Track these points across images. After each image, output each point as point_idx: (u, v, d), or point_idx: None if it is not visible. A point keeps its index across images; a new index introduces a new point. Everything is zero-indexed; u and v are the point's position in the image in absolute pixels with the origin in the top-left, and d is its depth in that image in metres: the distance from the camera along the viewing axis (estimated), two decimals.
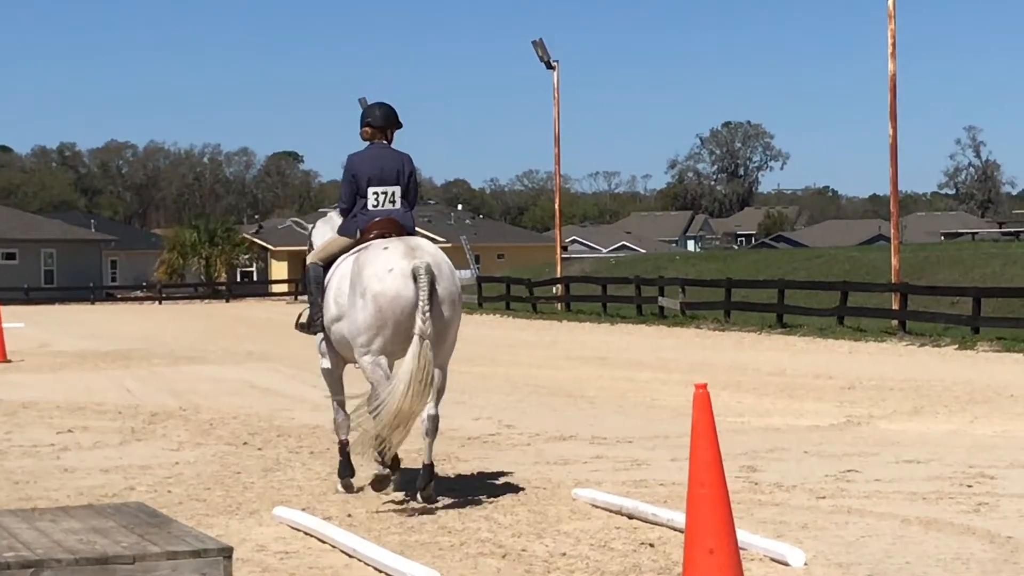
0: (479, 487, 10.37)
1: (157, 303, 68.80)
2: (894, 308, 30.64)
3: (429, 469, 9.72)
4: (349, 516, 9.37)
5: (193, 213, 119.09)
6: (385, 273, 9.57)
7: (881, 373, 20.85)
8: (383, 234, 9.98)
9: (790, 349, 27.10)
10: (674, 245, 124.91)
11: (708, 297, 37.42)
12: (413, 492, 9.81)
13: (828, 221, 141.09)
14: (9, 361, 25.22)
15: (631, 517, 8.99)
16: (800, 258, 51.39)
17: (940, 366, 22.33)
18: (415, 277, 9.43)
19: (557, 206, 50.60)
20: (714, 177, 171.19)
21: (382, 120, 10.34)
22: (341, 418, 10.50)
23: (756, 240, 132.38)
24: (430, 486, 9.70)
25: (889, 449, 12.37)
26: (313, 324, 10.35)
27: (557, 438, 13.52)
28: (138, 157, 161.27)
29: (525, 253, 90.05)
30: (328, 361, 10.49)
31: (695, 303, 37.28)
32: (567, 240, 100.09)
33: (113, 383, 20.74)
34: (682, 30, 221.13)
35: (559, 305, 44.64)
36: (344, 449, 10.42)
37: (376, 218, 10.10)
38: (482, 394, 18.03)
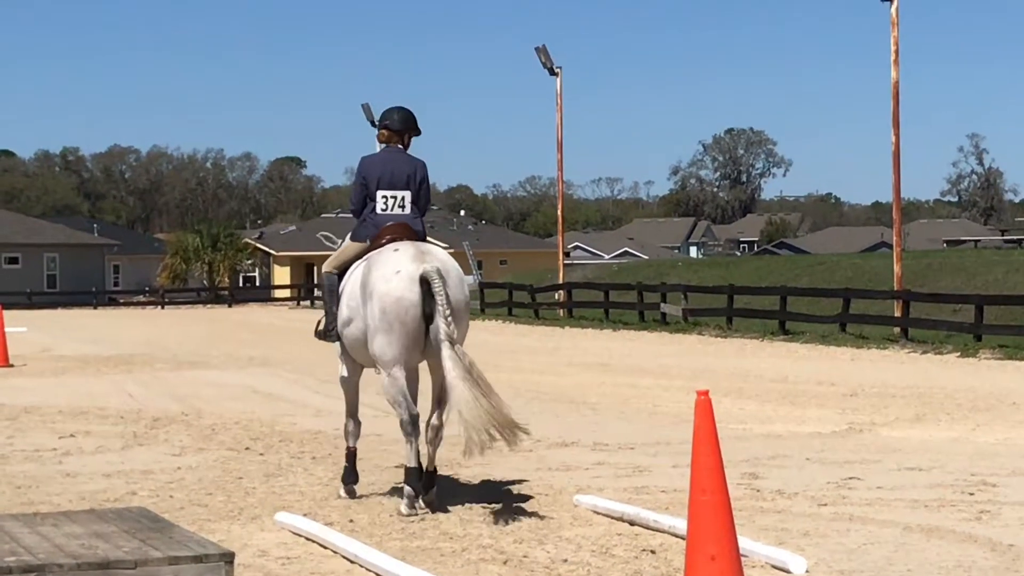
0: (481, 493, 10.37)
1: (160, 308, 68.90)
2: (896, 315, 30.63)
3: (431, 475, 9.78)
4: (351, 522, 9.38)
5: (196, 218, 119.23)
6: (392, 275, 9.55)
7: (883, 380, 20.84)
8: (396, 239, 9.90)
9: (792, 356, 27.08)
10: (676, 251, 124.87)
11: (710, 304, 37.39)
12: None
13: (830, 228, 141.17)
14: (11, 365, 25.25)
15: (633, 523, 8.99)
16: (802, 265, 51.31)
17: (942, 373, 22.31)
18: (429, 282, 9.39)
19: (560, 212, 50.61)
20: (717, 183, 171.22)
21: (399, 124, 10.25)
22: (352, 426, 10.48)
23: (759, 247, 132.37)
24: (432, 492, 9.73)
25: (891, 456, 12.36)
26: (329, 333, 10.29)
27: (559, 444, 13.52)
28: (141, 162, 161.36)
29: (527, 259, 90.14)
30: (345, 369, 10.45)
31: (697, 309, 37.27)
32: (569, 246, 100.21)
33: (115, 388, 20.75)
34: (685, 36, 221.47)
35: (561, 311, 44.60)
36: (351, 456, 10.42)
37: (388, 223, 10.01)
38: None
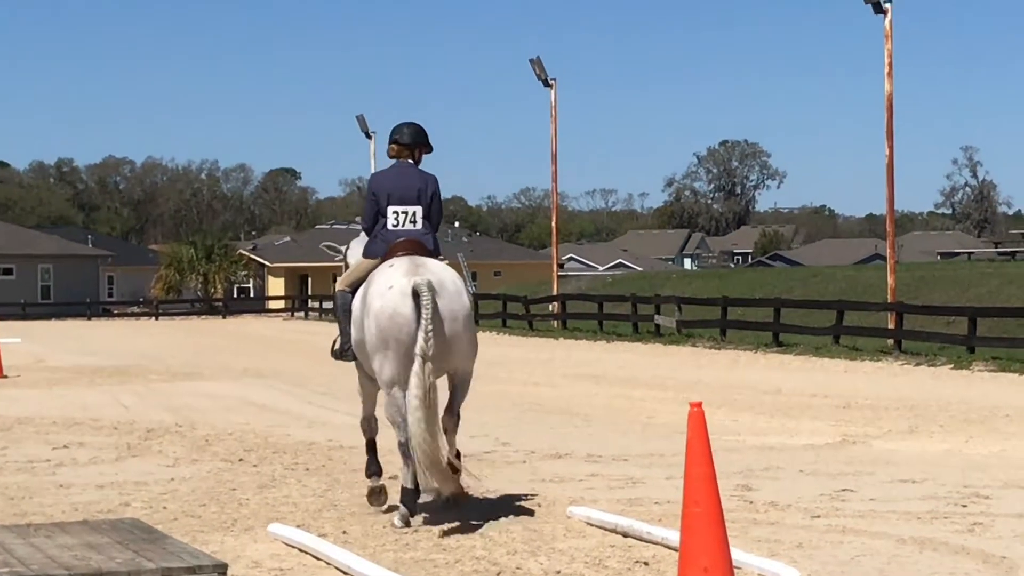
0: (474, 505, 10.36)
1: (154, 319, 68.78)
2: (890, 327, 30.67)
3: (456, 458, 9.72)
4: (344, 533, 9.37)
5: (190, 229, 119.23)
6: (385, 290, 9.49)
7: (877, 392, 20.87)
8: (406, 255, 9.76)
9: (786, 368, 27.10)
10: (670, 263, 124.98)
11: (704, 315, 37.41)
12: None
13: (824, 240, 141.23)
14: (5, 376, 25.22)
15: (626, 535, 8.98)
16: (796, 277, 51.35)
17: (936, 386, 22.34)
18: (416, 295, 9.33)
19: (554, 224, 50.65)
20: (711, 195, 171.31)
21: (409, 138, 10.18)
22: (369, 424, 10.53)
23: (752, 259, 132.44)
24: (459, 475, 9.67)
25: (884, 468, 12.38)
26: (344, 352, 10.23)
27: (552, 456, 13.52)
28: (136, 173, 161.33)
29: (522, 270, 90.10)
30: (362, 385, 10.45)
31: (691, 321, 37.29)
32: (564, 258, 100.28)
33: (109, 399, 20.74)
34: (680, 49, 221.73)
35: (555, 323, 44.62)
36: (371, 446, 10.49)
37: (400, 238, 9.88)
38: (478, 411, 17.96)
